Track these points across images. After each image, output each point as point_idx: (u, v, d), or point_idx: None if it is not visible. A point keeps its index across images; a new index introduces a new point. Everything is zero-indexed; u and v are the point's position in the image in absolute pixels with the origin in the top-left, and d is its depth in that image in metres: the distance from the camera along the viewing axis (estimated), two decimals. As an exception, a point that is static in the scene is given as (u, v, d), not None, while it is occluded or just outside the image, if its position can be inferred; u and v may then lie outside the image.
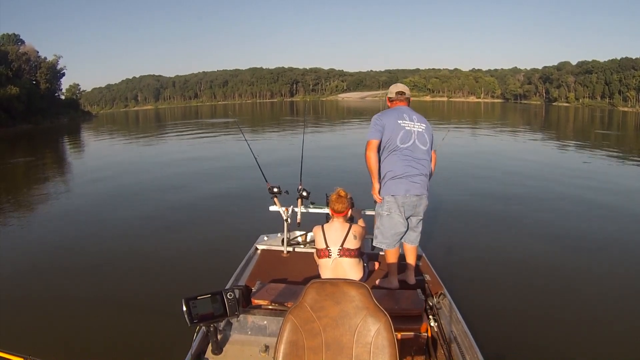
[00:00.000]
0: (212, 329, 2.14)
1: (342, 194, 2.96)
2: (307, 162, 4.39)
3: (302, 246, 3.75)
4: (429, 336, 2.47)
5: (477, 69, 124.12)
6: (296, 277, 3.09)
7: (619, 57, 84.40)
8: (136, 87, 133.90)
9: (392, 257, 3.00)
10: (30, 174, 13.77)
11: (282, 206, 3.72)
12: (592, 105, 79.59)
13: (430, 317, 2.52)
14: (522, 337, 3.47)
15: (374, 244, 3.10)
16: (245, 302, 2.65)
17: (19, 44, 52.43)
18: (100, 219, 7.45)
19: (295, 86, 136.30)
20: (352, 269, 2.87)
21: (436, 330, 2.46)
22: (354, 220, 3.20)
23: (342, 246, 2.85)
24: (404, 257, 3.14)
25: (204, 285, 2.47)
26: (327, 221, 3.12)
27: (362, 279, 2.92)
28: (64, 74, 57.93)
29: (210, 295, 2.05)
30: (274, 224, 4.05)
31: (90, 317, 3.93)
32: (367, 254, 3.30)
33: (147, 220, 7.32)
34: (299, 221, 3.77)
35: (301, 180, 3.91)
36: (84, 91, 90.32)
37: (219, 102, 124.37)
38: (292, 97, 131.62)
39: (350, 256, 2.86)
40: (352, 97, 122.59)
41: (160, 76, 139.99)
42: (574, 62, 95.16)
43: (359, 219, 3.27)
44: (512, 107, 72.83)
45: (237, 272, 3.23)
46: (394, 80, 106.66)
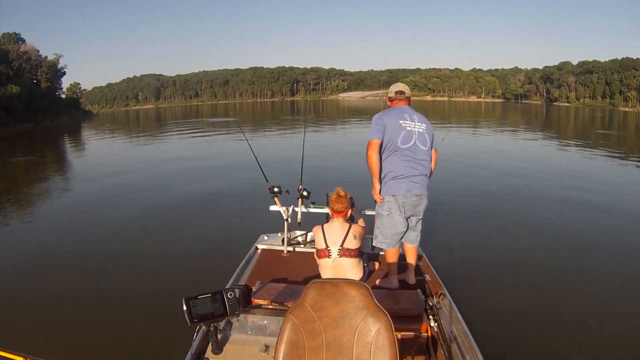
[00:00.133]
0: (212, 329, 2.14)
1: (342, 193, 2.96)
2: (307, 161, 4.39)
3: (302, 246, 3.75)
4: (429, 336, 2.47)
5: (477, 68, 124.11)
6: (296, 277, 3.09)
7: (619, 57, 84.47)
8: (137, 86, 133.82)
9: (392, 257, 3.00)
10: (30, 174, 13.79)
11: (282, 206, 3.72)
12: (592, 105, 79.51)
13: (430, 317, 2.52)
14: (522, 337, 3.47)
15: (374, 243, 3.09)
16: (245, 302, 2.64)
17: (20, 43, 52.45)
18: (100, 219, 7.45)
19: (295, 85, 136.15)
20: (352, 269, 2.87)
21: (436, 330, 2.46)
22: (354, 220, 3.20)
23: (342, 246, 2.85)
24: (404, 257, 3.13)
25: (204, 284, 2.47)
26: (327, 221, 3.12)
27: (362, 279, 2.92)
28: (64, 73, 58.09)
29: (210, 294, 2.05)
30: (274, 224, 4.05)
31: (90, 317, 3.93)
32: (367, 253, 3.30)
33: (147, 219, 7.32)
34: (299, 221, 3.77)
35: (302, 179, 3.91)
36: (84, 90, 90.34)
37: (220, 102, 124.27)
38: (292, 96, 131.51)
39: (350, 256, 2.86)
40: (353, 97, 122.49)
41: (161, 75, 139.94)
42: (575, 62, 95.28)
43: (359, 219, 3.26)
44: (513, 107, 72.81)
45: (237, 271, 3.23)
46: (395, 79, 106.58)
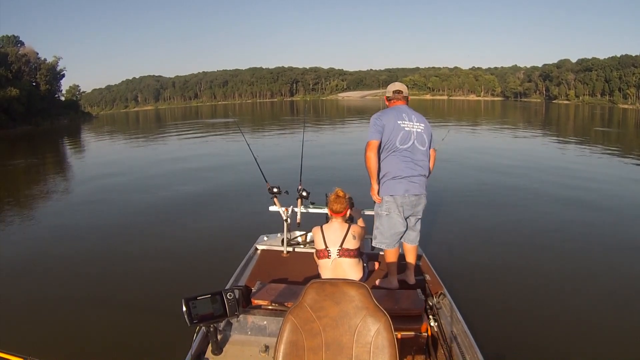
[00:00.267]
0: (212, 329, 2.14)
1: (341, 194, 2.95)
2: (307, 162, 4.40)
3: (302, 246, 3.75)
4: (429, 336, 2.46)
5: (477, 67, 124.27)
6: (296, 277, 3.09)
7: (618, 55, 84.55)
8: (136, 88, 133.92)
9: (392, 257, 3.00)
10: (30, 175, 13.79)
11: (282, 206, 3.72)
12: (592, 102, 79.42)
13: (430, 317, 2.52)
14: (522, 337, 3.47)
15: (373, 244, 3.09)
16: (245, 302, 2.64)
17: (19, 45, 52.41)
18: (100, 219, 7.45)
19: (295, 86, 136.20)
20: (352, 269, 2.87)
21: (436, 330, 2.46)
22: (353, 220, 3.20)
23: (341, 246, 2.85)
24: (403, 257, 3.13)
25: (204, 285, 2.48)
26: (327, 221, 3.12)
27: (362, 279, 2.92)
28: (63, 75, 57.98)
29: (210, 295, 2.05)
30: (274, 224, 4.06)
31: (90, 317, 3.93)
32: (366, 254, 3.29)
33: (146, 220, 7.33)
34: (298, 221, 3.77)
35: (301, 180, 3.91)
36: (84, 92, 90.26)
37: (219, 102, 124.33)
38: (292, 96, 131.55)
39: (349, 256, 2.86)
40: (352, 96, 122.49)
41: (160, 77, 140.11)
42: (574, 60, 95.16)
43: (358, 219, 3.26)
44: (512, 105, 72.77)
45: (237, 272, 3.23)
46: (394, 78, 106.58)
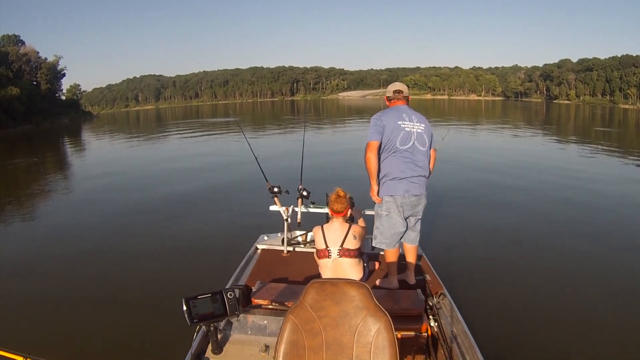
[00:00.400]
0: (212, 329, 2.14)
1: (341, 194, 2.95)
2: (307, 161, 4.39)
3: (302, 246, 3.75)
4: (429, 336, 2.46)
5: (477, 66, 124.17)
6: (296, 277, 3.09)
7: (619, 55, 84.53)
8: (137, 87, 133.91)
9: (392, 257, 3.00)
10: (31, 175, 13.80)
11: (282, 206, 3.72)
12: (592, 102, 79.39)
13: (430, 317, 2.52)
14: (522, 337, 3.47)
15: (373, 244, 3.09)
16: (245, 302, 2.65)
17: (20, 44, 52.42)
18: (100, 219, 7.45)
19: (295, 85, 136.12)
20: (352, 269, 2.87)
21: (436, 330, 2.46)
22: (354, 220, 3.20)
23: (341, 246, 2.85)
24: (404, 257, 3.13)
25: (204, 285, 2.47)
26: (327, 221, 3.12)
27: (362, 279, 2.92)
28: (64, 75, 58.04)
29: (210, 294, 2.05)
30: (275, 224, 4.06)
31: (90, 317, 3.94)
32: (367, 254, 3.29)
33: (146, 219, 7.33)
34: (299, 221, 3.77)
35: (301, 179, 3.91)
36: (84, 91, 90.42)
37: (220, 102, 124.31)
38: (292, 96, 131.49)
39: (350, 256, 2.85)
40: (353, 96, 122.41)
41: (160, 76, 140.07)
42: (575, 60, 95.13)
43: (359, 219, 3.26)
44: (513, 105, 72.73)
45: (237, 271, 3.23)
46: (395, 78, 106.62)
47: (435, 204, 6.31)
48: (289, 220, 3.69)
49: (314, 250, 3.07)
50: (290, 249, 3.67)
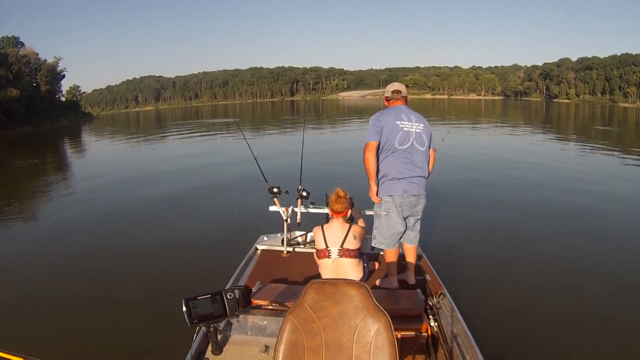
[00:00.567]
0: (212, 329, 2.14)
1: (341, 194, 2.95)
2: (307, 161, 4.40)
3: (302, 246, 3.75)
4: (429, 336, 2.46)
5: (477, 66, 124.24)
6: (296, 277, 3.09)
7: (619, 53, 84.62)
8: (136, 88, 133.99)
9: (392, 257, 3.00)
10: (31, 176, 13.79)
11: (282, 206, 3.72)
12: (592, 101, 79.43)
13: (430, 317, 2.52)
14: (522, 337, 3.46)
15: (372, 244, 3.09)
16: (245, 302, 2.64)
17: (19, 46, 52.46)
18: (100, 219, 7.46)
19: (295, 85, 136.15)
20: (352, 269, 2.87)
21: (436, 330, 2.46)
22: (354, 220, 3.20)
23: (341, 246, 2.85)
24: (403, 257, 3.13)
25: (204, 285, 2.48)
26: (327, 221, 3.12)
27: (362, 279, 2.91)
28: (64, 76, 58.05)
29: (210, 295, 2.05)
30: (274, 224, 4.06)
31: (90, 317, 3.94)
32: (367, 254, 3.29)
33: (146, 220, 7.33)
34: (299, 221, 3.77)
35: (301, 180, 3.91)
36: (84, 93, 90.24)
37: (220, 102, 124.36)
38: (292, 96, 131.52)
39: (350, 256, 2.85)
40: (353, 96, 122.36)
41: (160, 77, 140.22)
42: (574, 59, 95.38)
43: (359, 219, 3.26)
44: (513, 104, 72.72)
45: (237, 272, 3.23)
46: (395, 78, 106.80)
47: (435, 203, 6.31)
48: (289, 220, 3.69)
49: (313, 250, 3.07)
50: (290, 249, 3.66)
